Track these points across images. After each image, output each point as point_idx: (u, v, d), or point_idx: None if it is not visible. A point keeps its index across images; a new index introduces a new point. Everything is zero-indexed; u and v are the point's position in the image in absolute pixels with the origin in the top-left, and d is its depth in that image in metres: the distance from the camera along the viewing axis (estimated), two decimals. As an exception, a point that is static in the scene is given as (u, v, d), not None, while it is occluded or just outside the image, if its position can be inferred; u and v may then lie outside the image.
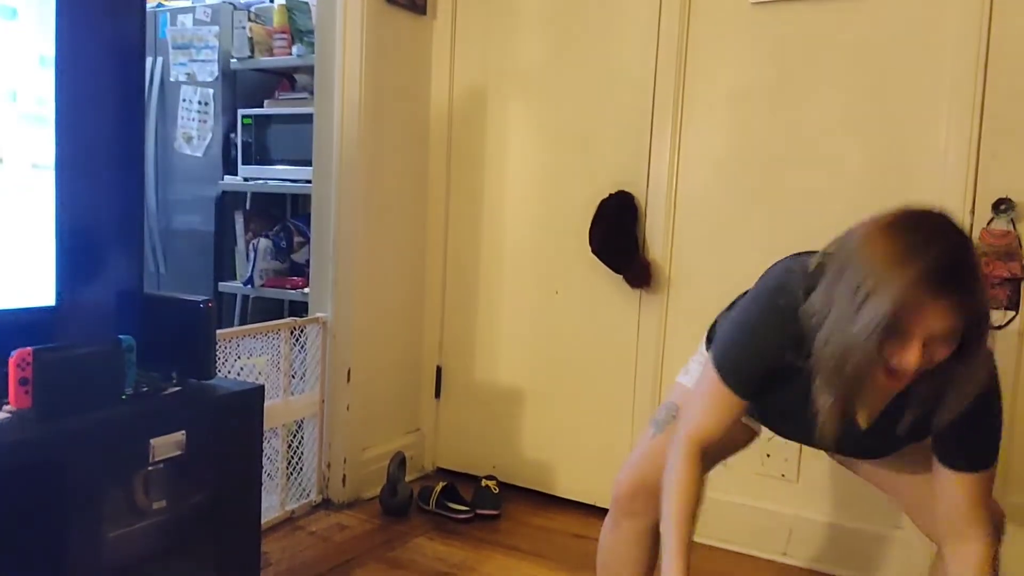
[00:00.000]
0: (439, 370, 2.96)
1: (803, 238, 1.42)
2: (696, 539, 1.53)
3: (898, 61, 2.16)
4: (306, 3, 3.12)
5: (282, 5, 3.15)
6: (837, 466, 1.65)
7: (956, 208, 2.08)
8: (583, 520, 2.60)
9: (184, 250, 3.43)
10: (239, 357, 2.29)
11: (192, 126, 3.34)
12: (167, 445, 1.58)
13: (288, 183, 3.13)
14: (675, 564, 1.27)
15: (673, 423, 1.44)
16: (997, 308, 2.03)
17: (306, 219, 3.02)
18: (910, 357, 1.08)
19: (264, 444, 2.13)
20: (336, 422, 2.63)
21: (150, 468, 1.56)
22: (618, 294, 2.57)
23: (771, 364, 1.25)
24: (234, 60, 3.24)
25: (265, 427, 1.98)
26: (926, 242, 1.07)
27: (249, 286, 3.18)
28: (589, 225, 2.56)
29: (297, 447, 2.59)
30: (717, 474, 2.39)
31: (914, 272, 1.04)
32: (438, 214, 2.91)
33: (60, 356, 1.47)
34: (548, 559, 2.32)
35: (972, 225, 2.05)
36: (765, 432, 1.57)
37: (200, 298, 1.75)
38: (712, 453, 1.41)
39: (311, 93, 2.80)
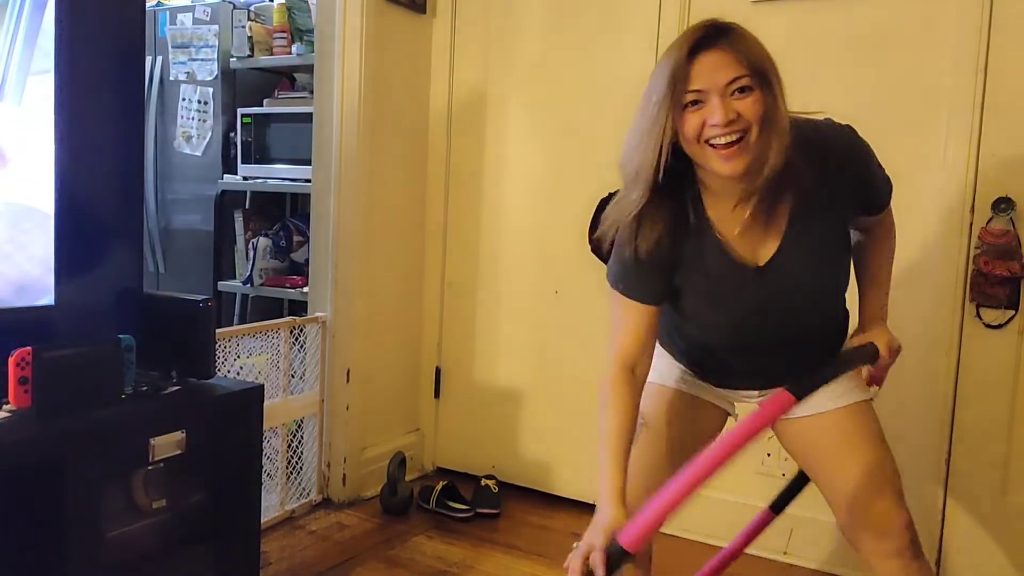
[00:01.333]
0: (439, 370, 2.96)
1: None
2: (696, 538, 1.53)
3: (898, 60, 2.15)
4: (306, 2, 3.12)
5: (282, 4, 3.14)
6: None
7: (956, 207, 2.09)
8: (582, 519, 2.59)
9: (183, 249, 3.43)
10: (239, 356, 2.29)
11: (192, 125, 3.34)
12: (167, 444, 1.58)
13: (288, 182, 3.13)
14: (609, 483, 1.28)
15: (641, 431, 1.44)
16: (997, 307, 2.03)
17: (305, 218, 3.02)
18: (714, 112, 1.15)
19: (264, 443, 2.13)
20: (336, 421, 2.63)
21: (150, 467, 1.56)
22: (618, 293, 2.57)
23: (649, 258, 1.30)
24: (234, 59, 3.24)
25: (265, 426, 1.98)
26: (685, 32, 1.24)
27: (248, 285, 3.18)
28: (588, 224, 2.56)
29: (297, 446, 2.60)
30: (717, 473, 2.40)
31: (676, 47, 1.20)
32: (437, 213, 2.91)
33: (60, 355, 1.47)
34: (547, 558, 2.32)
35: (972, 224, 2.06)
36: (762, 435, 1.55)
37: (199, 297, 1.76)
38: (688, 446, 1.41)
39: (311, 92, 2.80)
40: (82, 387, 1.50)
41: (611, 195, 2.57)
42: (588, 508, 2.61)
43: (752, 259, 1.29)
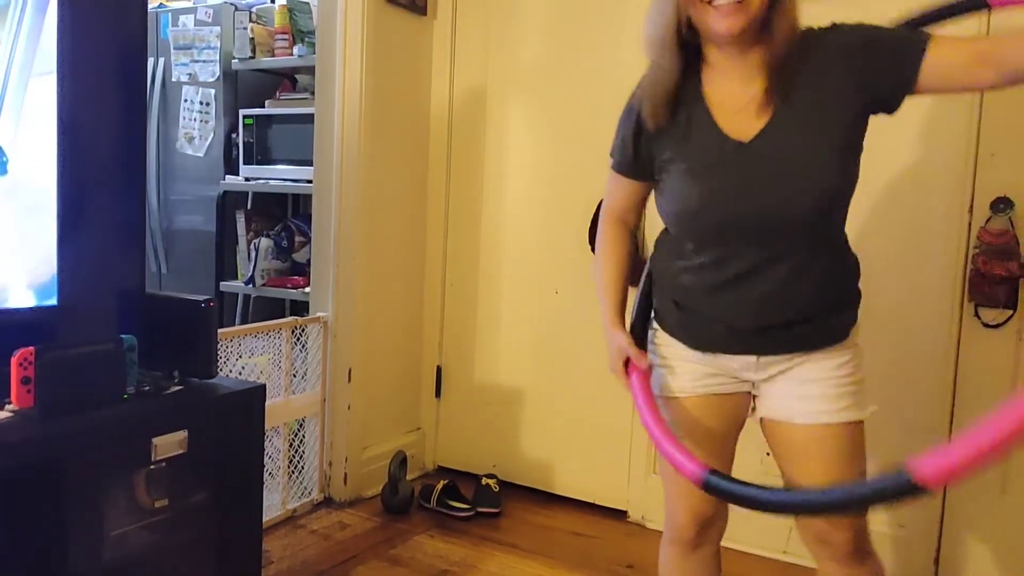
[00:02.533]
0: (439, 369, 2.96)
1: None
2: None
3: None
4: (307, 4, 3.13)
5: (283, 6, 3.15)
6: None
7: (954, 207, 2.09)
8: (583, 518, 2.61)
9: (185, 250, 3.44)
10: (240, 356, 2.30)
11: (193, 126, 3.35)
12: (169, 444, 1.59)
13: (289, 183, 3.14)
14: (611, 318, 1.45)
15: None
16: (995, 307, 2.04)
17: (307, 219, 3.03)
18: None
19: (265, 443, 2.14)
20: (337, 421, 2.64)
21: (152, 467, 1.57)
22: (618, 293, 2.57)
23: (632, 135, 1.38)
24: (235, 60, 3.25)
25: (266, 426, 1.99)
26: None
27: (250, 285, 3.19)
28: (589, 224, 2.57)
29: (298, 446, 2.60)
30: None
31: None
32: (438, 214, 2.91)
33: (62, 355, 1.48)
34: (548, 557, 2.32)
35: (970, 224, 2.06)
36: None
37: (201, 297, 1.76)
38: (728, 441, 1.46)
39: (312, 93, 2.81)
40: (84, 387, 1.51)
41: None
42: (589, 507, 2.64)
43: (739, 135, 1.28)
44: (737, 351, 1.37)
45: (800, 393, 1.35)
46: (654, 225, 1.49)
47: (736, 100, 1.29)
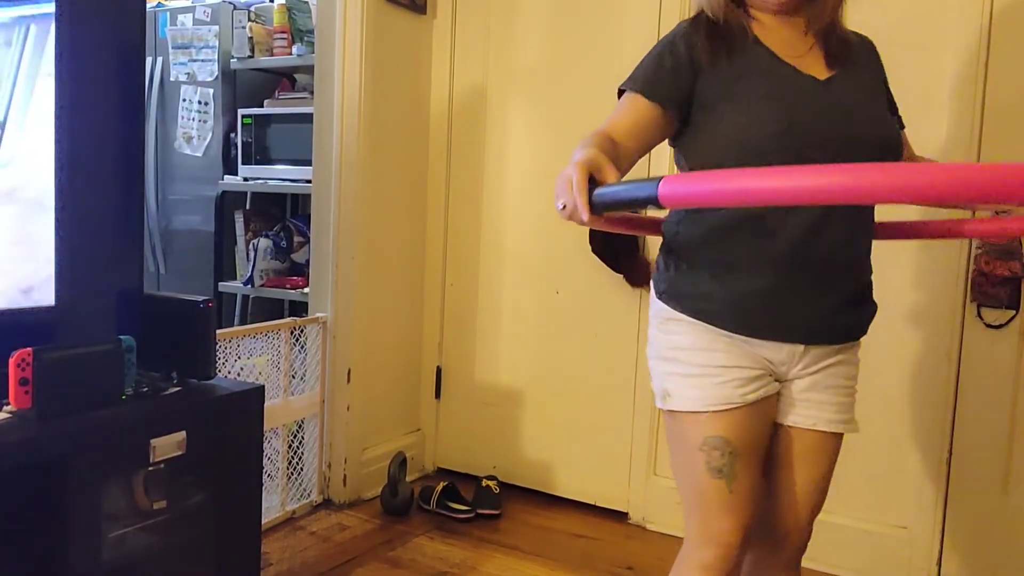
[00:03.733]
0: (439, 370, 2.96)
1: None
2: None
3: (898, 61, 2.15)
4: (306, 3, 3.12)
5: (282, 5, 3.15)
6: (836, 466, 1.64)
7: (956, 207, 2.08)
8: (583, 520, 2.60)
9: (184, 250, 3.43)
10: (239, 357, 2.29)
11: (192, 126, 3.34)
12: (167, 445, 1.58)
13: (288, 183, 3.13)
14: (586, 142, 1.20)
15: (732, 462, 1.27)
16: (997, 307, 2.03)
17: (306, 219, 3.02)
18: None
19: (264, 444, 2.13)
20: (336, 422, 2.63)
21: (150, 468, 1.56)
22: (618, 294, 2.57)
23: (681, 67, 1.27)
24: (234, 60, 3.24)
25: (265, 427, 1.98)
26: None
27: (249, 286, 3.18)
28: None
29: (297, 447, 2.60)
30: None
31: None
32: (438, 214, 2.91)
33: (60, 356, 1.47)
34: (549, 558, 2.32)
35: (972, 224, 2.06)
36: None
37: (200, 298, 1.75)
38: (765, 447, 1.32)
39: (311, 93, 2.80)
40: (83, 388, 1.50)
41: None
42: (590, 509, 2.63)
43: (813, 73, 1.27)
44: (787, 335, 1.25)
45: (825, 400, 1.31)
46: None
47: (795, 48, 1.29)
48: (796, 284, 1.24)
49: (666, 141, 1.34)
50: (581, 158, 1.09)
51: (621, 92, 1.34)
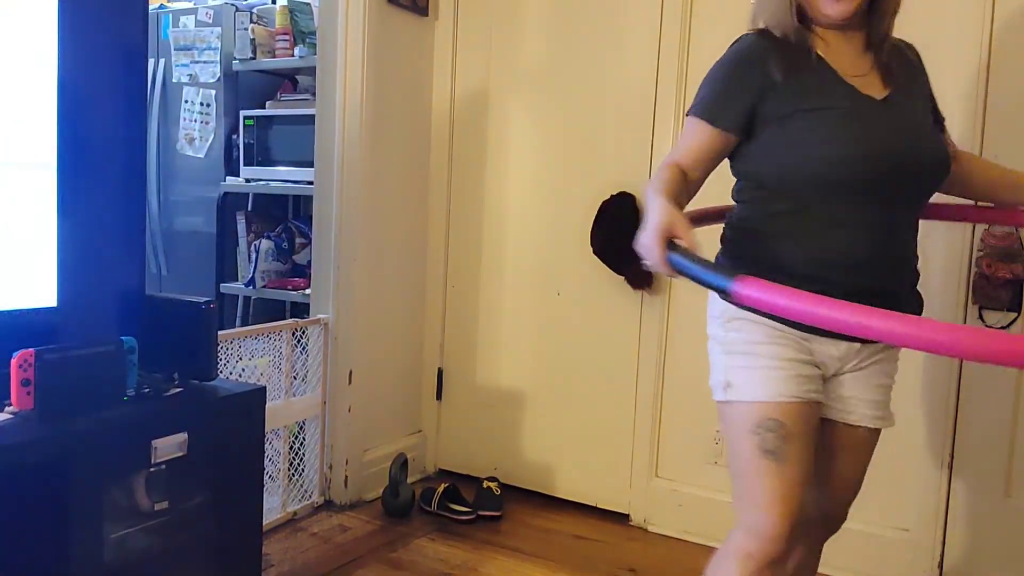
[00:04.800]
0: (440, 371, 2.96)
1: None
2: (696, 540, 1.51)
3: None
4: (308, 4, 3.13)
5: (284, 6, 3.15)
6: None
7: (958, 209, 2.08)
8: (585, 521, 2.60)
9: (186, 251, 3.43)
10: (240, 358, 2.29)
11: (194, 127, 3.35)
12: (169, 446, 1.58)
13: (290, 184, 3.13)
14: (659, 190, 1.21)
15: (784, 445, 1.30)
16: (999, 309, 2.03)
17: (308, 220, 3.02)
18: None
19: (266, 445, 2.14)
20: (338, 423, 2.63)
21: (152, 469, 1.56)
22: (620, 295, 2.57)
23: (750, 85, 1.31)
24: (236, 61, 3.25)
25: (267, 428, 1.99)
26: None
27: (251, 287, 3.18)
28: (590, 226, 2.56)
29: (299, 448, 2.60)
30: (718, 473, 2.40)
31: None
32: (439, 215, 2.91)
33: (62, 357, 1.47)
34: (550, 560, 2.32)
35: (974, 227, 2.05)
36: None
37: (202, 299, 1.76)
38: (813, 448, 1.34)
39: (313, 94, 2.81)
40: (84, 389, 1.50)
41: (613, 198, 2.60)
42: (591, 510, 2.63)
43: (872, 93, 1.32)
44: (840, 334, 1.25)
45: (869, 397, 1.39)
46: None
47: (854, 67, 1.33)
48: (873, 270, 1.30)
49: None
50: (656, 221, 1.13)
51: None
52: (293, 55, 3.12)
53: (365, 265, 2.64)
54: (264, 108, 3.23)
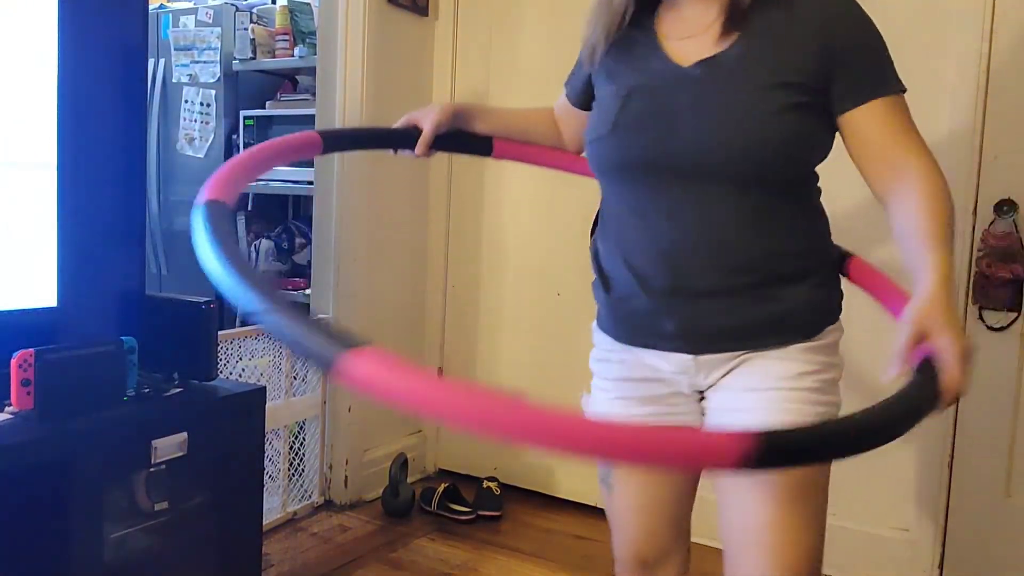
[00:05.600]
0: (441, 371, 2.96)
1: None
2: (696, 540, 1.50)
3: (899, 62, 2.15)
4: (308, 4, 3.13)
5: (284, 6, 3.15)
6: (837, 467, 1.64)
7: (958, 209, 2.07)
8: (585, 521, 2.60)
9: (186, 251, 3.38)
10: (241, 358, 2.29)
11: (194, 127, 3.35)
12: (169, 446, 1.58)
13: (290, 184, 3.13)
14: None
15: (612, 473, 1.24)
16: (999, 309, 2.03)
17: (308, 220, 3.02)
18: None
19: (266, 445, 2.13)
20: (338, 423, 2.63)
21: (152, 469, 1.56)
22: (620, 295, 2.57)
23: (585, 55, 1.26)
24: (236, 61, 3.24)
25: (267, 428, 1.99)
26: None
27: (251, 287, 3.18)
28: (591, 227, 2.56)
29: (299, 448, 2.60)
30: (719, 475, 2.40)
31: None
32: (439, 215, 2.91)
33: (62, 357, 1.47)
34: (550, 560, 2.32)
35: (974, 227, 2.05)
36: None
37: (202, 299, 1.76)
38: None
39: (313, 95, 2.81)
40: (84, 389, 1.50)
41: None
42: (591, 510, 2.63)
43: (682, 60, 1.09)
44: (665, 344, 1.12)
45: (736, 406, 1.09)
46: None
47: (690, 25, 1.10)
48: (654, 266, 1.12)
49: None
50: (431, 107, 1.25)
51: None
52: (293, 55, 3.12)
53: (365, 265, 2.64)
54: (264, 108, 3.23)
